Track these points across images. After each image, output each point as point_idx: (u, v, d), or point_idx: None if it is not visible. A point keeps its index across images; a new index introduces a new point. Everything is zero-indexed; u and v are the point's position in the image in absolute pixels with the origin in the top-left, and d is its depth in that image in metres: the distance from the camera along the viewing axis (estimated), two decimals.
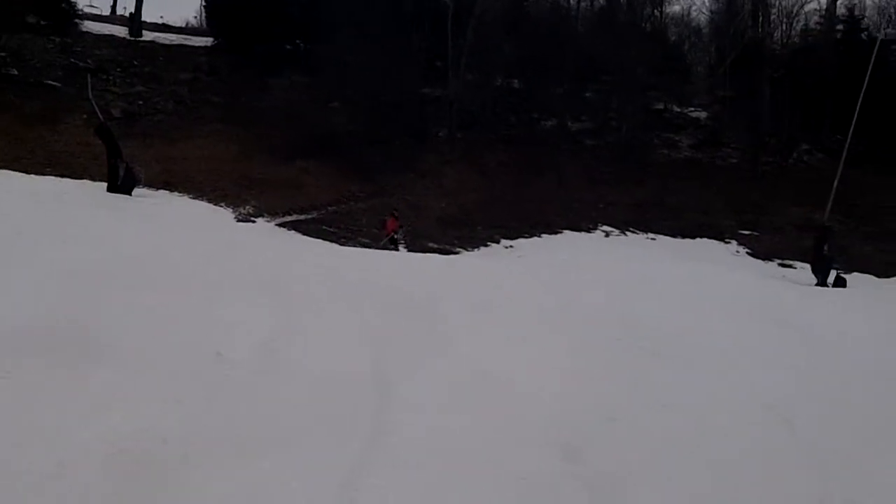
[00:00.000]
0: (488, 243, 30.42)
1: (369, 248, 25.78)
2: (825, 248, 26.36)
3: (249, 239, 21.48)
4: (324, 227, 29.15)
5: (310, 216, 30.62)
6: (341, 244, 25.86)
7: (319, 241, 26.32)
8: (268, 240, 23.51)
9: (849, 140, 29.45)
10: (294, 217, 30.15)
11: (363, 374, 6.42)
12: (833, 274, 25.79)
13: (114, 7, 57.53)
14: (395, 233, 26.20)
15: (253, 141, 35.27)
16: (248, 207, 30.11)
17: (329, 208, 31.89)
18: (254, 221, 28.99)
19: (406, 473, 4.87)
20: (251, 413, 5.45)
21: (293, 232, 28.32)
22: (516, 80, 44.91)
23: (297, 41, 44.58)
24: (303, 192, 32.71)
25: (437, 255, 22.31)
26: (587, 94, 45.13)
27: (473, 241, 30.37)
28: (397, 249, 24.86)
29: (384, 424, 5.47)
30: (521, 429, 5.62)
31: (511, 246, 30.46)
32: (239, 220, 28.82)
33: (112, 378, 5.62)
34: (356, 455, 5.01)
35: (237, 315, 7.53)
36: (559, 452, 5.31)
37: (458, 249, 28.81)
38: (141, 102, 37.97)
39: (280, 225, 29.11)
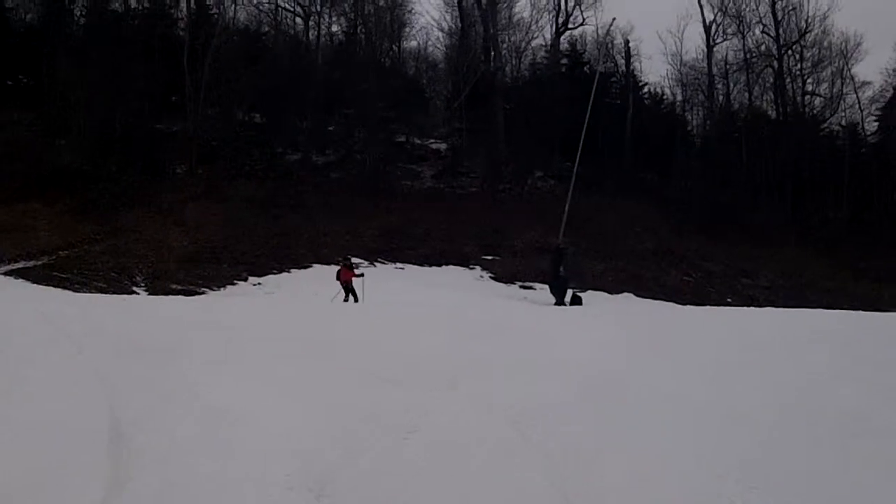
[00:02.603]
0: (235, 281, 29.75)
1: (106, 293, 24.45)
2: (561, 269, 28.04)
3: None
4: (56, 274, 27.30)
5: (40, 262, 28.54)
6: (75, 290, 24.35)
7: (50, 288, 24.66)
8: None
9: (576, 166, 31.70)
10: (22, 264, 27.98)
11: (97, 425, 6.05)
12: (569, 293, 27.47)
13: None
14: (351, 282, 22.82)
15: None
16: None
17: (61, 253, 29.84)
18: None
19: None
20: None
21: (21, 280, 26.31)
22: (258, 115, 44.49)
23: (19, 76, 41.70)
24: (31, 235, 30.44)
25: (179, 298, 21.58)
26: (330, 128, 45.55)
27: (219, 279, 29.57)
28: (356, 300, 22.24)
29: (120, 475, 5.19)
30: (268, 469, 5.53)
31: (259, 283, 29.98)
32: None
33: None
34: None
35: None
36: (307, 490, 5.29)
37: (203, 290, 27.96)
38: None
39: (6, 273, 26.93)
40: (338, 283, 22.80)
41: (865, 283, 38.21)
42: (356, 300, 22.44)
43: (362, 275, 23.54)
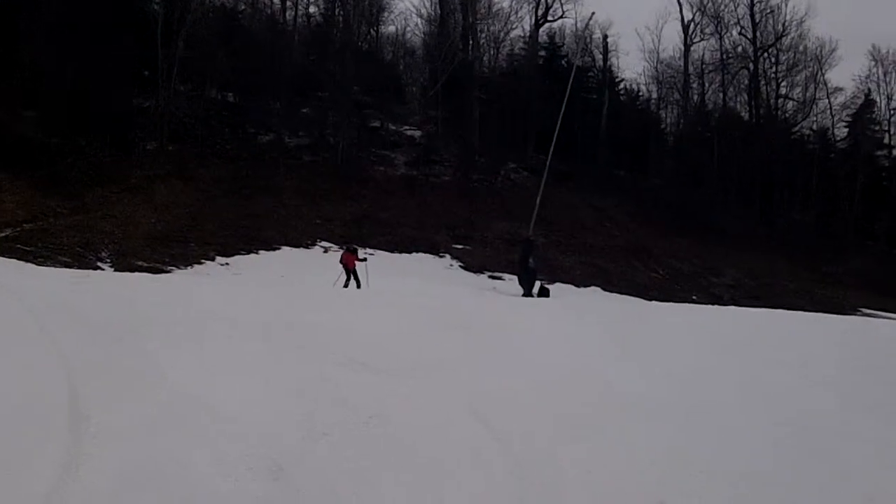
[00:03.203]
0: (202, 261, 29.46)
1: (71, 267, 24.10)
2: (530, 260, 28.11)
3: None
4: (19, 247, 26.85)
5: (2, 234, 28.07)
6: (38, 264, 23.97)
7: (12, 261, 24.27)
8: None
9: (549, 159, 31.68)
10: None
11: (57, 405, 5.94)
12: (537, 285, 27.56)
13: None
14: (354, 267, 22.55)
15: None
16: None
17: (25, 226, 29.33)
18: None
19: None
20: None
21: None
22: (231, 94, 44.05)
23: None
24: None
25: (146, 275, 21.31)
26: (304, 110, 45.17)
27: (186, 259, 29.26)
28: (358, 286, 22.08)
29: (78, 455, 5.11)
30: (228, 451, 5.48)
31: (227, 263, 29.72)
32: None
33: None
34: (46, 487, 4.65)
35: None
36: (267, 473, 5.24)
37: (170, 268, 27.67)
38: None
39: None
40: (340, 266, 22.76)
41: (828, 286, 38.79)
42: (358, 285, 22.40)
43: (365, 259, 23.52)
